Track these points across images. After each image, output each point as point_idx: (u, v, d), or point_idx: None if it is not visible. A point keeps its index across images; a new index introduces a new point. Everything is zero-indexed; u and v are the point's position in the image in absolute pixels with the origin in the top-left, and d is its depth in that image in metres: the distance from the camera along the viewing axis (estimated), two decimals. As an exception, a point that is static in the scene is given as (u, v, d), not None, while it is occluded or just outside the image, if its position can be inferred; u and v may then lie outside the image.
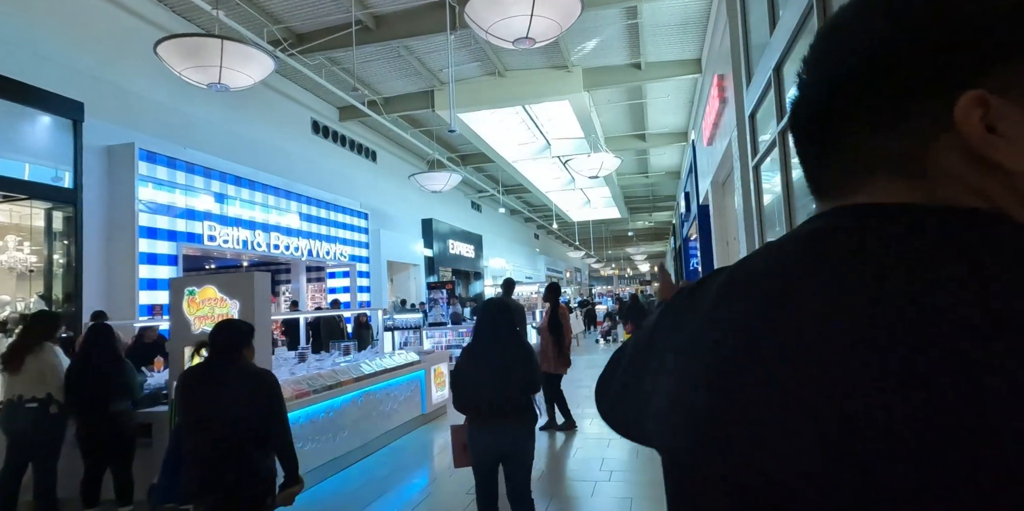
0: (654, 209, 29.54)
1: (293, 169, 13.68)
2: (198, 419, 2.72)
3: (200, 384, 2.79)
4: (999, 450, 0.31)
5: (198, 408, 2.74)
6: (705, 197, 11.04)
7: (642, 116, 17.11)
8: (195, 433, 2.71)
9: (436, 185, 14.72)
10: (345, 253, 14.68)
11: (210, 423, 2.67)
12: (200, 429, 2.69)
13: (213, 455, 2.62)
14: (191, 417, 2.75)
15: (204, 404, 2.72)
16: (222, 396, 2.70)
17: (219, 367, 2.80)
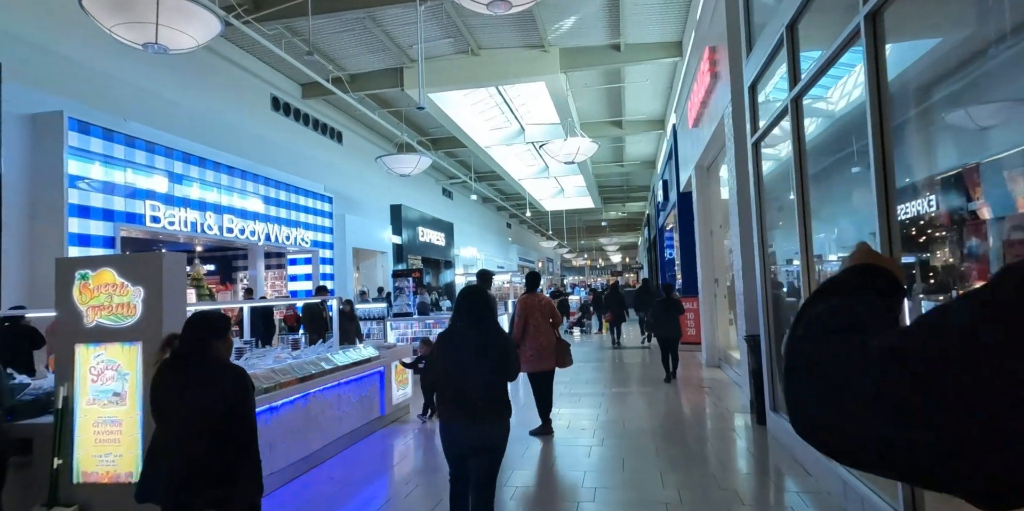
0: (628, 199, 29.01)
1: (250, 148, 12.65)
2: (162, 416, 2.62)
3: (166, 380, 2.64)
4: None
5: (162, 405, 2.62)
6: (687, 184, 10.42)
7: (619, 102, 16.42)
8: (161, 431, 2.63)
9: (404, 168, 13.83)
10: (307, 238, 13.72)
11: (173, 420, 2.58)
12: (164, 426, 2.61)
13: (178, 454, 2.51)
14: (156, 415, 2.64)
15: (168, 401, 2.60)
16: (185, 392, 2.57)
17: (186, 361, 2.65)
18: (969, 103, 2.80)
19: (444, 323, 9.54)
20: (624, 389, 7.98)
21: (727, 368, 8.69)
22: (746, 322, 6.05)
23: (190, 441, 2.50)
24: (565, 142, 13.30)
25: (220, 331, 2.71)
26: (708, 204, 9.16)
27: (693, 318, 11.17)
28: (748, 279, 5.99)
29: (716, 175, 9.06)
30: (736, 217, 6.13)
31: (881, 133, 2.95)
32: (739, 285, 6.28)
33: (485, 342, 3.04)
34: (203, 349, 2.64)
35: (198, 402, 2.53)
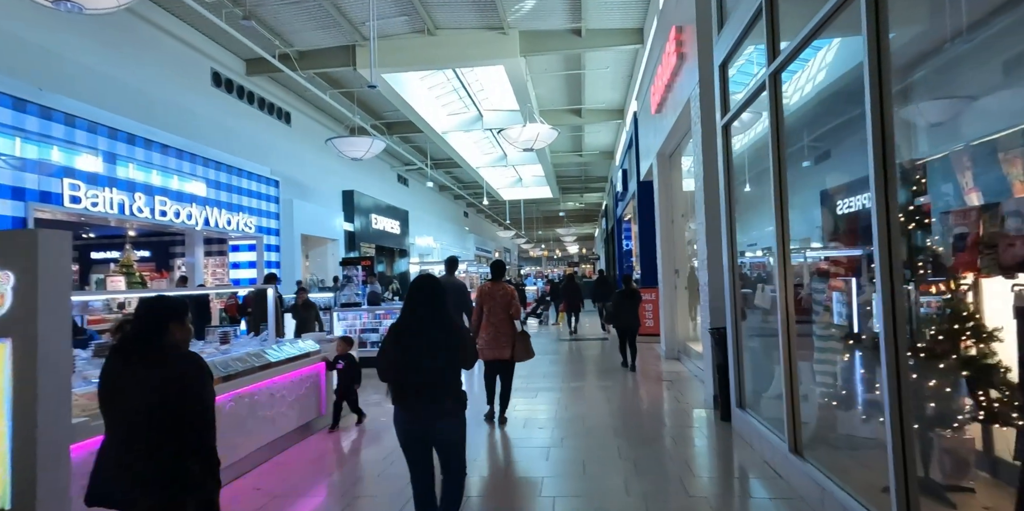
0: (586, 190, 28.82)
1: (189, 126, 11.73)
2: (110, 409, 2.38)
3: (115, 368, 2.40)
4: None
5: (110, 395, 2.38)
6: (648, 173, 10.12)
7: (579, 89, 16.04)
8: (110, 424, 2.39)
9: (356, 152, 13.11)
10: (251, 224, 12.89)
11: (121, 413, 2.35)
12: (112, 419, 2.38)
13: (128, 450, 2.30)
14: (104, 407, 2.41)
15: (117, 391, 2.36)
16: (131, 383, 2.33)
17: (138, 348, 2.41)
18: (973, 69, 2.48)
19: (395, 314, 9.00)
20: (582, 382, 7.63)
21: (687, 361, 8.46)
22: (711, 314, 5.76)
23: (140, 434, 2.29)
24: (524, 128, 12.83)
25: (178, 315, 2.50)
26: (669, 193, 8.87)
27: (652, 309, 10.94)
28: (714, 269, 5.69)
29: (678, 163, 8.77)
30: (702, 204, 5.81)
31: (881, 105, 2.60)
32: (703, 276, 5.98)
33: (438, 334, 2.95)
34: (158, 334, 2.42)
35: (150, 392, 2.30)
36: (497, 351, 5.59)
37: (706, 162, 5.66)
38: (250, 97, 13.79)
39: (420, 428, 2.94)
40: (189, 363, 2.39)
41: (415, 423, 2.92)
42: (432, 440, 2.99)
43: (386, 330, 9.72)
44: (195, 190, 11.24)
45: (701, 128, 5.69)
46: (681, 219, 8.50)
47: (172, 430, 2.29)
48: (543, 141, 13.24)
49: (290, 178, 15.17)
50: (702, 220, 5.86)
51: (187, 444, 2.32)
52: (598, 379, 7.86)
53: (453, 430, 3.00)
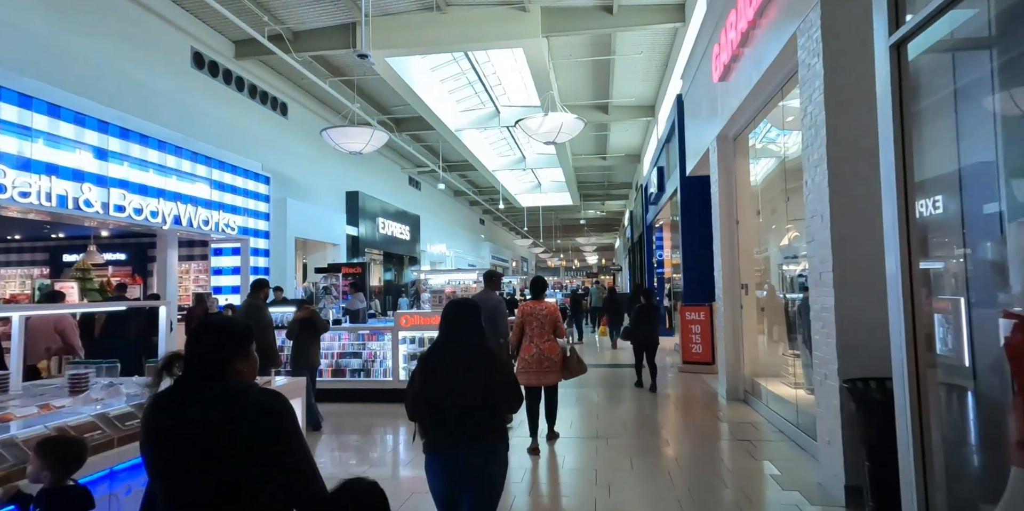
0: (608, 197, 26.69)
1: (158, 108, 9.90)
2: (167, 473, 1.58)
3: (168, 419, 1.59)
4: None
5: (166, 456, 1.57)
6: (699, 165, 8.02)
7: (606, 81, 14.00)
8: (167, 495, 1.58)
9: (355, 144, 11.17)
10: (233, 224, 10.98)
11: (183, 479, 1.55)
12: (170, 488, 1.57)
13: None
14: (158, 470, 1.60)
15: (174, 450, 1.56)
16: (197, 437, 1.54)
17: (194, 392, 1.61)
18: None
19: (383, 336, 6.96)
20: (625, 438, 5.49)
21: (758, 404, 6.26)
22: (840, 354, 3.61)
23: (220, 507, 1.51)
24: (545, 118, 10.80)
25: (242, 345, 1.70)
26: (732, 186, 6.74)
27: (700, 332, 8.77)
28: (848, 280, 3.57)
29: (745, 147, 6.65)
30: (823, 175, 3.68)
31: None
32: (825, 294, 3.83)
33: (463, 366, 2.48)
34: (215, 373, 1.63)
35: (220, 457, 1.51)
36: (539, 376, 5.08)
37: (832, 109, 3.56)
38: (239, 83, 11.96)
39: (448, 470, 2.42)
40: (259, 409, 1.56)
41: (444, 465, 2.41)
42: (461, 482, 2.44)
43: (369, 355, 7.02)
44: (162, 183, 9.37)
45: (823, 65, 3.59)
46: (753, 218, 6.35)
47: (250, 499, 1.52)
48: (567, 133, 11.17)
49: (285, 175, 13.30)
50: (822, 205, 3.73)
51: None
52: (648, 434, 5.73)
53: (497, 473, 2.49)
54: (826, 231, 3.68)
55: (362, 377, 6.83)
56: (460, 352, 2.52)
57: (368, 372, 6.83)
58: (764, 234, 6.20)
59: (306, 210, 13.53)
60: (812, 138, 3.85)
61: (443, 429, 2.43)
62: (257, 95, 12.51)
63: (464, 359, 2.49)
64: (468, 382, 2.45)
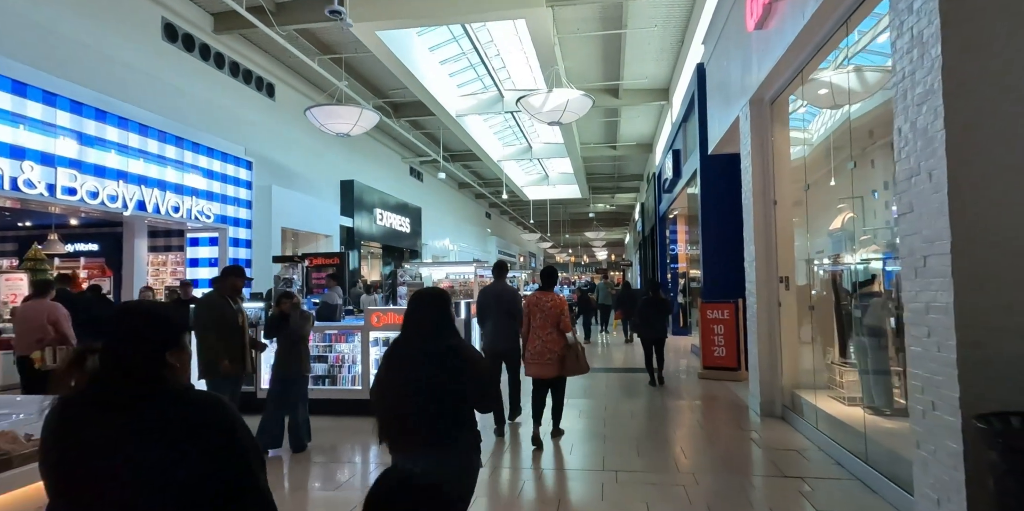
0: (618, 190, 25.41)
1: (123, 83, 8.85)
2: (79, 505, 1.21)
3: (79, 434, 1.23)
4: None
5: (77, 483, 1.21)
6: (725, 139, 6.81)
7: (617, 60, 12.75)
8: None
9: (341, 124, 10.06)
10: (209, 211, 9.92)
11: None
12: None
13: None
14: (65, 500, 1.23)
15: (88, 475, 1.20)
16: (120, 458, 1.19)
17: (116, 400, 1.26)
18: None
19: (353, 336, 5.84)
20: (637, 473, 4.33)
21: (802, 425, 5.04)
22: (966, 377, 2.42)
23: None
24: (550, 94, 9.63)
25: (174, 339, 1.36)
26: (770, 159, 5.53)
27: (723, 333, 7.56)
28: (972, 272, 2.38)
29: (784, 113, 5.43)
30: (933, 120, 2.48)
31: None
32: (928, 290, 2.64)
33: (430, 364, 2.22)
34: (152, 371, 1.29)
35: (153, 482, 1.18)
36: (540, 368, 4.99)
37: (955, 13, 2.36)
38: (219, 60, 10.87)
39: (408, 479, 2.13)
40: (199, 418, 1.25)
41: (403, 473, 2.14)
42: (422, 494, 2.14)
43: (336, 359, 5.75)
44: (124, 164, 8.32)
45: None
46: (799, 195, 5.11)
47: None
48: (573, 112, 9.99)
49: (272, 161, 12.24)
50: (932, 159, 2.53)
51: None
52: (667, 465, 4.57)
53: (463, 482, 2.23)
54: (938, 196, 2.49)
55: (327, 385, 5.72)
56: (423, 348, 2.27)
57: (334, 379, 5.72)
58: (810, 216, 4.99)
59: (294, 199, 12.45)
60: (914, 63, 2.66)
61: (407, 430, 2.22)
62: (240, 73, 11.43)
63: (427, 356, 2.25)
64: (430, 382, 2.21)
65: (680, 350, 11.29)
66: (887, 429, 3.87)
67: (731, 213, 7.86)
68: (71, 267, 10.88)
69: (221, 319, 4.44)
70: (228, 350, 4.41)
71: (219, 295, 4.57)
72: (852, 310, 4.64)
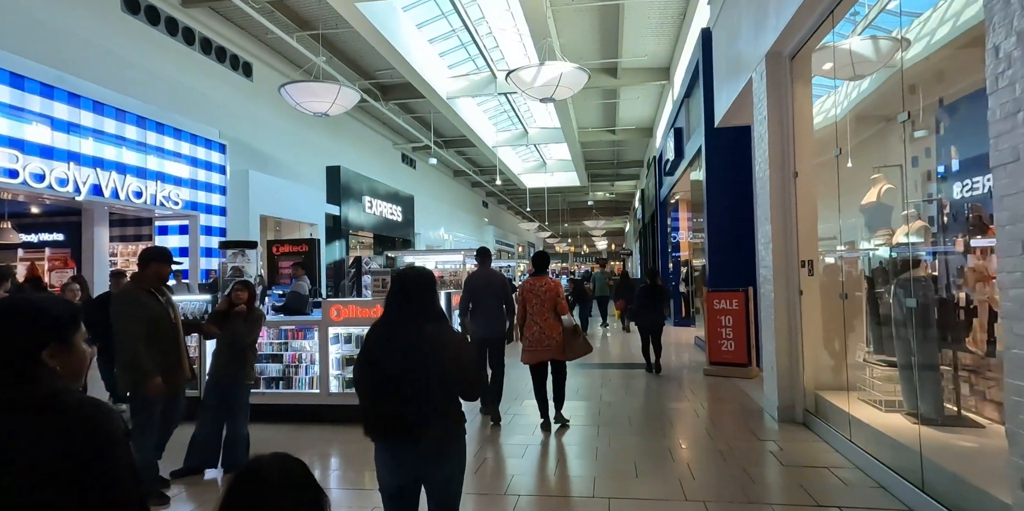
0: (617, 177, 24.53)
1: (76, 57, 8.02)
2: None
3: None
4: None
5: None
6: (734, 108, 5.97)
7: (615, 36, 11.86)
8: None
9: (318, 103, 9.24)
10: (176, 197, 9.13)
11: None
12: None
13: None
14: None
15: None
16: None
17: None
18: None
19: (311, 333, 5.06)
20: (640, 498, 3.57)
21: (830, 434, 4.26)
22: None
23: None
24: (542, 67, 8.76)
25: (51, 333, 1.18)
26: (790, 124, 4.70)
27: (731, 325, 6.76)
28: None
29: (807, 68, 4.59)
30: None
31: None
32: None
33: (422, 345, 2.09)
34: (17, 374, 1.12)
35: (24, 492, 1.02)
36: (541, 353, 4.85)
37: None
38: (188, 36, 10.01)
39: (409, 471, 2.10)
40: (88, 426, 1.08)
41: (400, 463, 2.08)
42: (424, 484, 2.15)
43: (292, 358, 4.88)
44: (76, 145, 7.53)
45: None
46: (835, 161, 4.24)
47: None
48: (567, 87, 9.12)
49: (251, 145, 11.42)
50: None
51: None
52: (671, 488, 3.81)
53: (449, 472, 2.13)
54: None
55: (281, 388, 4.95)
56: (407, 333, 2.11)
57: (289, 382, 4.96)
58: (842, 188, 4.17)
59: (274, 185, 11.64)
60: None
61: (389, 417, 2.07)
62: (212, 51, 10.57)
63: (411, 341, 2.08)
64: (414, 368, 2.06)
65: (683, 343, 10.51)
66: (949, 445, 3.08)
67: (739, 191, 7.04)
68: (34, 258, 10.13)
69: (151, 322, 3.50)
70: (164, 361, 3.53)
71: (140, 289, 3.68)
72: (891, 298, 3.85)
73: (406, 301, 2.15)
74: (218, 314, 4.09)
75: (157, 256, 3.80)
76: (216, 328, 3.98)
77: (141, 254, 3.87)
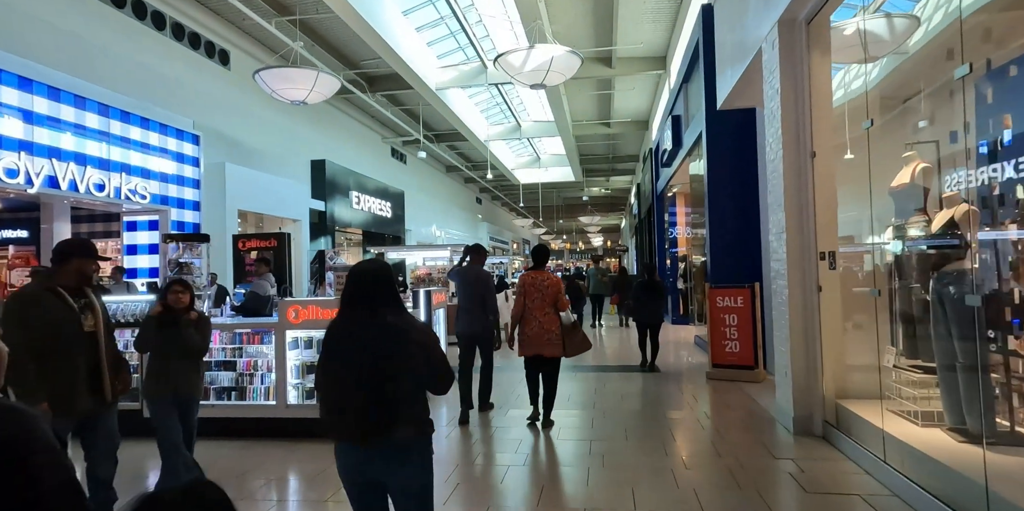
0: (612, 172, 23.95)
1: (33, 41, 7.40)
2: None
3: None
4: None
5: None
6: (739, 88, 5.39)
7: (610, 23, 11.26)
8: None
9: (295, 90, 8.66)
10: (144, 190, 8.52)
11: None
12: None
13: None
14: None
15: None
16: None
17: None
18: None
19: (269, 335, 4.47)
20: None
21: (857, 452, 3.68)
22: None
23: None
24: (531, 51, 8.17)
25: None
26: (806, 99, 4.11)
27: (736, 324, 6.19)
28: None
29: (826, 35, 4.01)
30: None
31: None
32: None
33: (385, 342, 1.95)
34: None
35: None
36: (539, 347, 4.73)
37: None
38: (158, 20, 9.38)
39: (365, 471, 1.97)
40: None
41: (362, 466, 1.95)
42: (388, 489, 2.00)
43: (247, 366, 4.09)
44: (28, 133, 6.91)
45: None
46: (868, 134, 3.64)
47: None
48: (559, 72, 8.54)
49: (228, 136, 10.80)
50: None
51: None
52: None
53: (414, 476, 1.99)
54: None
55: (234, 400, 4.36)
56: (367, 327, 1.98)
57: (243, 392, 4.37)
58: (868, 171, 3.59)
59: (253, 178, 11.02)
60: None
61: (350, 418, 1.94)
62: (186, 37, 9.94)
63: (373, 334, 1.96)
64: (377, 362, 1.94)
65: (682, 342, 9.95)
66: (1017, 472, 2.51)
67: (743, 180, 6.48)
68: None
69: (49, 329, 2.78)
70: (61, 381, 2.75)
71: (46, 289, 2.98)
72: (931, 295, 3.28)
73: (363, 295, 2.03)
74: (154, 321, 3.42)
75: (78, 250, 3.10)
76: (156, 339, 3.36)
77: (57, 247, 3.19)
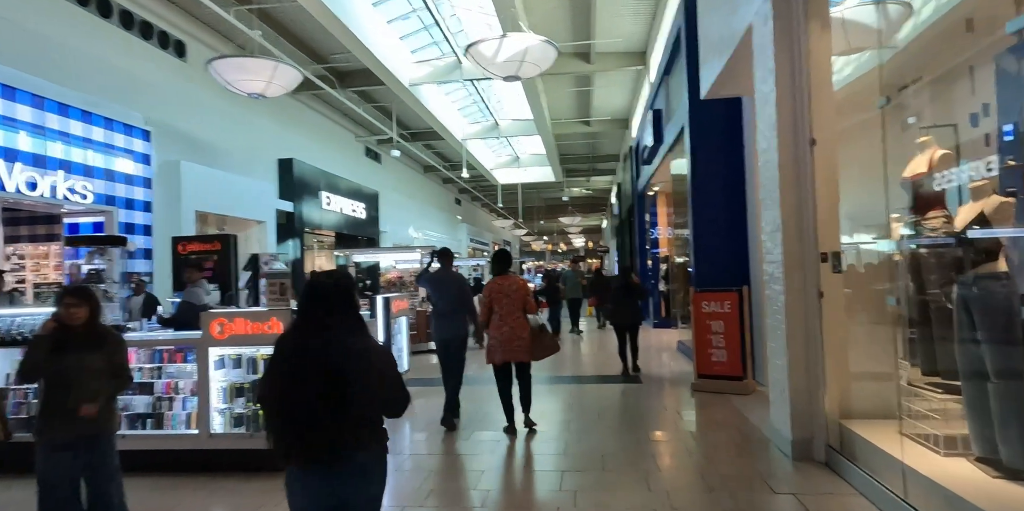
0: (593, 172, 23.49)
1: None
2: None
3: None
4: None
5: None
6: (725, 74, 4.89)
7: (588, 16, 10.76)
8: None
9: (253, 82, 7.99)
10: (86, 189, 7.79)
11: None
12: None
13: None
14: None
15: None
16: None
17: None
18: None
19: (193, 351, 3.83)
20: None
21: (869, 487, 3.18)
22: None
23: None
24: (504, 40, 7.62)
25: None
26: (804, 82, 3.61)
27: (723, 331, 5.68)
28: None
29: (826, 10, 3.51)
30: None
31: None
32: None
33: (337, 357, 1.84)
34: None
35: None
36: (511, 354, 4.67)
37: None
38: (104, 7, 8.63)
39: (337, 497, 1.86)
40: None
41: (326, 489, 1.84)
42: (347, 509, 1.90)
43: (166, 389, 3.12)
44: (-64, 123, 6.18)
45: None
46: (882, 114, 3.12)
47: None
48: (534, 63, 7.99)
49: (184, 132, 10.06)
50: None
51: None
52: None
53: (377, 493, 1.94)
54: None
55: (150, 428, 3.73)
56: (317, 344, 1.88)
57: (160, 420, 3.74)
58: (876, 160, 3.09)
59: (212, 177, 10.30)
60: None
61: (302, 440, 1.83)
62: (136, 26, 9.19)
63: (329, 353, 1.85)
64: (332, 382, 1.82)
65: (664, 346, 9.46)
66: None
67: (729, 175, 5.99)
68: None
69: None
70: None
71: None
72: (955, 302, 2.78)
73: (322, 312, 1.92)
74: (44, 341, 2.74)
75: None
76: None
77: None
